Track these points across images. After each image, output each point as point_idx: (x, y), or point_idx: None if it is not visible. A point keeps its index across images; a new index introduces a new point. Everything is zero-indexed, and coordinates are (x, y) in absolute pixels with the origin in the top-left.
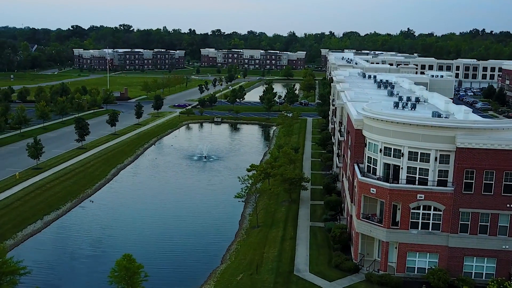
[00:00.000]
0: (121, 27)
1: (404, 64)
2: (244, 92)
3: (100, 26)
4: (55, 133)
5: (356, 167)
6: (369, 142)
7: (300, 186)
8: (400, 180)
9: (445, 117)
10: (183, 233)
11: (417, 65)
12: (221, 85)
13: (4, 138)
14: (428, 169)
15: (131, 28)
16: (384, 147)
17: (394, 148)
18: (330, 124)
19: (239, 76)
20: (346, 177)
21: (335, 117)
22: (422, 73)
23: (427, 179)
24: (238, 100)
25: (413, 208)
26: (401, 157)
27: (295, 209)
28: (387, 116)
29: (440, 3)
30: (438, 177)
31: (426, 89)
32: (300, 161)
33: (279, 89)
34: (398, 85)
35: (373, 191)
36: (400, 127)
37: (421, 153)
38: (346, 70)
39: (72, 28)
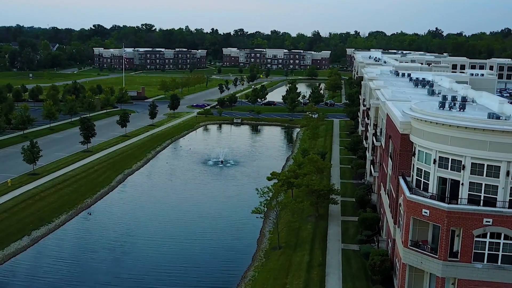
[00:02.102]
0: (143, 27)
1: (435, 64)
2: (266, 91)
3: (123, 26)
4: (61, 134)
5: (402, 181)
6: (419, 151)
7: (329, 199)
8: (459, 199)
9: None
10: (190, 256)
11: (448, 65)
12: (242, 84)
13: (4, 139)
14: (498, 186)
15: (153, 28)
16: (439, 157)
17: (452, 159)
18: (360, 126)
19: (261, 76)
20: (385, 190)
21: (367, 118)
22: (453, 72)
23: (496, 199)
24: (259, 100)
25: (478, 236)
26: (462, 170)
27: (323, 227)
28: (445, 119)
29: (469, 2)
30: (510, 196)
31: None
32: (328, 169)
33: (303, 89)
34: (437, 83)
35: (425, 213)
36: (462, 132)
37: (488, 165)
38: (377, 68)
39: (94, 28)
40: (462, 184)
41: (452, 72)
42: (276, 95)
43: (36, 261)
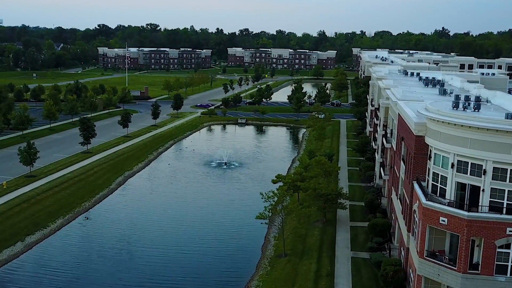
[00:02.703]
0: (148, 27)
1: (442, 63)
2: (271, 91)
3: (128, 25)
4: (62, 134)
5: (416, 186)
6: (435, 154)
7: (337, 204)
8: (480, 207)
9: None
10: (191, 265)
11: (456, 64)
12: (247, 84)
13: (3, 140)
14: None
15: (158, 28)
16: (458, 160)
17: (472, 163)
18: (368, 126)
19: (266, 76)
20: (397, 195)
21: (376, 119)
22: (461, 72)
23: None
24: (264, 100)
25: (500, 247)
26: (483, 175)
27: (331, 233)
28: (465, 120)
29: (476, 2)
30: None
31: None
32: (336, 172)
33: (309, 89)
34: (447, 83)
35: (443, 221)
36: (483, 134)
37: None
38: (385, 67)
39: (98, 27)
40: (483, 190)
41: (459, 71)
42: (281, 95)
43: (29, 269)
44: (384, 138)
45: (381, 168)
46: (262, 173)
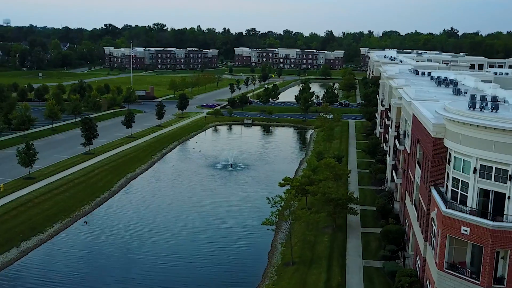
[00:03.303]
0: (155, 26)
1: (453, 63)
2: (278, 91)
3: (135, 25)
4: (64, 135)
5: (435, 192)
6: (455, 157)
7: (347, 209)
8: (506, 216)
9: None
10: (194, 274)
11: (467, 64)
12: (254, 84)
13: (3, 140)
14: None
15: (165, 27)
16: (481, 165)
17: (496, 168)
18: (378, 127)
19: (273, 76)
20: (411, 200)
21: (387, 119)
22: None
23: None
24: (271, 100)
25: None
26: (509, 182)
27: (341, 240)
28: (489, 121)
29: (484, 2)
30: None
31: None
32: (346, 175)
33: (316, 89)
34: (460, 83)
35: (465, 231)
36: (509, 137)
37: None
38: (395, 66)
39: (105, 27)
40: (509, 197)
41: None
42: (288, 95)
43: (23, 277)
44: (396, 140)
45: (393, 171)
46: (268, 176)
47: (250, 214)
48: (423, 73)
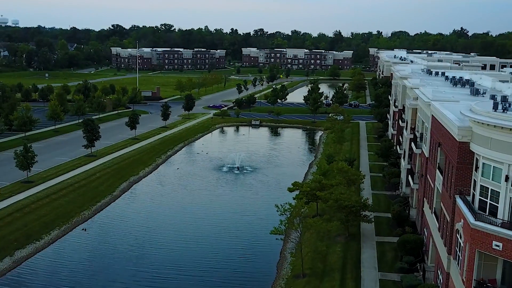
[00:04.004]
0: (162, 27)
1: (465, 63)
2: (287, 92)
3: (142, 26)
4: (66, 136)
5: (461, 202)
6: (483, 164)
7: (360, 216)
8: None
9: None
10: (197, 284)
11: (479, 64)
12: (262, 85)
13: (4, 142)
14: None
15: (172, 28)
16: None
17: None
18: (390, 129)
19: (281, 76)
20: (430, 208)
21: (401, 121)
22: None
23: None
24: (279, 100)
25: None
26: None
27: (355, 250)
28: None
29: (494, 2)
30: None
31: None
32: (360, 181)
33: (325, 90)
34: (476, 83)
35: (496, 246)
36: None
37: None
38: (407, 66)
39: (112, 28)
40: None
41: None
42: (297, 96)
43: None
44: (412, 143)
45: (409, 175)
46: (277, 179)
47: (258, 221)
48: (437, 73)
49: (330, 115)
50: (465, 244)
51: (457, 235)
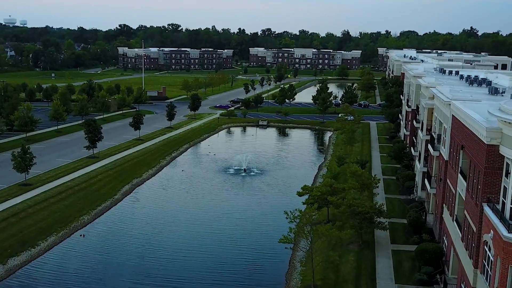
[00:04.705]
0: (170, 27)
1: (476, 63)
2: (295, 92)
3: (150, 26)
4: (69, 137)
5: (489, 211)
6: None
7: (375, 223)
8: None
9: None
10: None
11: (491, 63)
12: (269, 84)
13: (4, 143)
14: None
15: (180, 28)
16: None
17: None
18: (403, 130)
19: (289, 76)
20: (451, 215)
21: (415, 122)
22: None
23: None
24: (287, 100)
25: None
26: None
27: (369, 259)
28: None
29: (504, 1)
30: None
31: None
32: (374, 185)
33: (334, 89)
34: (493, 82)
35: None
36: None
37: None
38: (419, 64)
39: (120, 27)
40: None
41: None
42: (305, 96)
43: None
44: (430, 145)
45: (425, 179)
46: (285, 182)
47: (265, 228)
48: (450, 72)
49: (340, 115)
50: (496, 258)
51: (485, 247)
